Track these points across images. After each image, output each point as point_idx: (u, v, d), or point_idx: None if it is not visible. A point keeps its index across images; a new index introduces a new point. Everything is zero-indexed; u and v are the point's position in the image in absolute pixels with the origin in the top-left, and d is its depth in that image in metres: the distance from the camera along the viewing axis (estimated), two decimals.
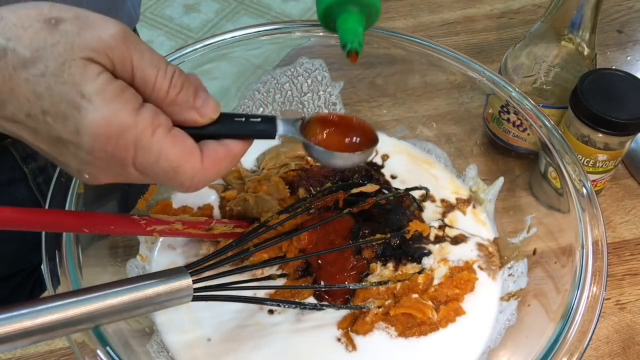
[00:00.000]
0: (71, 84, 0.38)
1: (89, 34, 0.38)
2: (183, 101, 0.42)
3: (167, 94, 0.41)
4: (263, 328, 0.60)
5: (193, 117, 0.43)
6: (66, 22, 0.39)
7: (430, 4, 1.00)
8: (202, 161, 0.43)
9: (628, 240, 0.74)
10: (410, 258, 0.65)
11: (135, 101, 0.40)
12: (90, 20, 0.39)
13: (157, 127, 0.40)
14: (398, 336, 0.60)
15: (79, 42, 0.38)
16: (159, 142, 0.40)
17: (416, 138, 0.78)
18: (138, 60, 0.40)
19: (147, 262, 0.65)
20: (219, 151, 0.44)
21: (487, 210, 0.71)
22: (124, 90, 0.39)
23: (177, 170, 0.42)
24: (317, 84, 0.77)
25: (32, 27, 0.38)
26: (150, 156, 0.40)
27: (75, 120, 0.38)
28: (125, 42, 0.39)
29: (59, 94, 0.38)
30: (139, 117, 0.39)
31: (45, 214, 0.50)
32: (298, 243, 0.63)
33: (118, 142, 0.39)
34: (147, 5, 2.34)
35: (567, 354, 0.50)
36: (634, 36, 0.97)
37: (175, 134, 0.41)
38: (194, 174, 0.42)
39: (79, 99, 0.38)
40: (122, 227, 0.55)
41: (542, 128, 0.64)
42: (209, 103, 0.43)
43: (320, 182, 0.70)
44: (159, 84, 0.41)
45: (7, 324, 0.39)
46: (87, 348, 0.48)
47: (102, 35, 0.39)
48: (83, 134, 0.39)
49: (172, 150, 0.41)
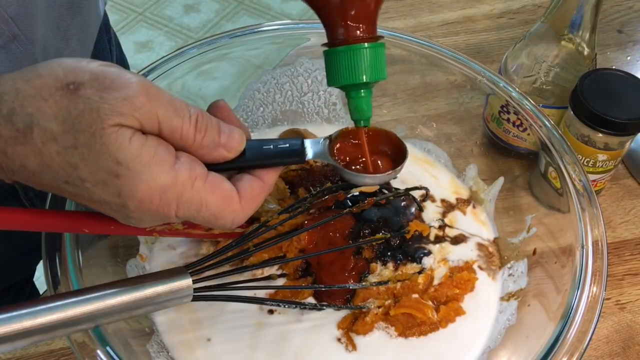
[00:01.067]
0: (105, 153, 0.38)
1: (112, 98, 0.38)
2: (210, 142, 0.43)
3: (195, 139, 0.42)
4: (263, 328, 0.60)
5: (221, 154, 0.44)
6: (85, 86, 0.38)
7: (430, 4, 1.00)
8: (241, 203, 0.44)
9: (628, 240, 0.74)
10: (410, 258, 0.65)
11: (170, 157, 0.40)
12: (109, 79, 0.39)
13: (195, 179, 0.41)
14: (398, 336, 0.60)
15: (105, 109, 0.38)
16: (198, 194, 0.41)
17: (416, 138, 0.78)
18: (163, 114, 0.40)
19: (147, 262, 0.65)
20: (254, 187, 0.45)
21: (487, 210, 0.71)
22: (157, 149, 0.40)
23: (219, 216, 0.43)
24: (317, 84, 0.77)
25: (52, 97, 0.38)
26: (192, 208, 0.42)
27: (116, 187, 0.39)
28: (149, 98, 0.39)
29: (95, 163, 0.38)
30: (178, 175, 0.40)
31: (45, 214, 0.50)
32: (298, 243, 0.63)
33: (161, 201, 0.40)
34: (147, 5, 2.34)
35: (567, 354, 0.50)
36: (634, 36, 0.97)
37: (213, 180, 0.43)
38: (235, 217, 0.44)
39: (115, 167, 0.38)
40: (122, 227, 0.55)
41: (542, 128, 0.64)
42: (234, 137, 0.44)
43: (320, 182, 0.70)
44: (185, 131, 0.41)
45: (7, 324, 0.39)
46: (87, 348, 0.48)
47: (126, 97, 0.38)
48: (126, 198, 0.39)
49: (211, 199, 0.42)
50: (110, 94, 0.38)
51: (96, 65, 0.39)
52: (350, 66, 0.48)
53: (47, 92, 0.38)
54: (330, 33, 0.49)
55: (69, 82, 0.38)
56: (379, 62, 0.48)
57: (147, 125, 0.40)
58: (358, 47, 0.47)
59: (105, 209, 0.41)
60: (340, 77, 0.48)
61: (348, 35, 0.48)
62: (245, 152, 0.45)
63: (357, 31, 0.48)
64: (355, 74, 0.48)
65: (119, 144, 0.38)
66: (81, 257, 0.53)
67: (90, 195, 0.40)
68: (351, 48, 0.47)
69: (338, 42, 0.48)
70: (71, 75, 0.38)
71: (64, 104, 0.38)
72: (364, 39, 0.48)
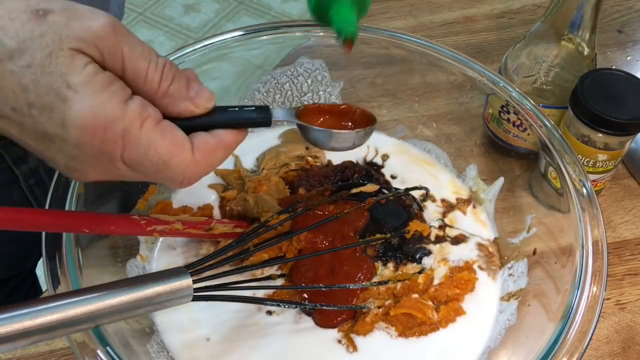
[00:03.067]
0: (57, 75, 0.37)
1: (78, 25, 0.38)
2: (176, 92, 0.41)
3: (159, 85, 0.40)
4: (262, 328, 0.60)
5: (187, 108, 0.42)
6: (54, 13, 0.38)
7: (430, 4, 1.00)
8: (193, 154, 0.42)
9: (628, 240, 0.74)
10: (411, 258, 0.65)
11: (123, 93, 0.39)
12: (80, 11, 0.39)
13: (146, 119, 0.39)
14: (398, 336, 0.60)
15: (67, 33, 0.37)
16: (147, 134, 0.39)
17: (416, 138, 0.78)
18: (128, 52, 0.39)
19: (147, 262, 0.64)
20: (209, 142, 0.43)
21: (487, 210, 0.71)
22: (112, 81, 0.39)
23: (167, 163, 0.41)
24: (317, 84, 0.77)
25: (19, 18, 0.38)
26: (139, 149, 0.39)
27: (61, 113, 0.38)
28: (115, 33, 0.38)
29: (45, 85, 0.37)
30: (127, 109, 0.39)
31: (45, 214, 0.50)
32: (298, 243, 0.63)
33: (105, 135, 0.38)
34: (147, 5, 2.34)
35: (567, 354, 0.50)
36: (634, 36, 0.97)
37: (165, 126, 0.41)
38: (186, 167, 0.42)
39: (65, 89, 0.37)
40: (122, 227, 0.55)
41: (542, 128, 0.64)
42: (204, 93, 0.43)
43: (320, 182, 0.70)
44: (150, 76, 0.40)
45: (7, 324, 0.39)
46: (87, 348, 0.48)
47: (92, 26, 0.38)
48: (69, 126, 0.38)
49: (161, 142, 0.40)
50: (76, 22, 0.38)
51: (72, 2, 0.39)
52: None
53: (15, 14, 0.38)
54: None
55: (39, 9, 0.38)
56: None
57: (109, 60, 0.39)
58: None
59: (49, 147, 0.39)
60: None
61: None
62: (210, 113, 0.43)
63: None
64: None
65: (73, 67, 0.37)
66: (81, 257, 0.53)
67: (35, 125, 0.38)
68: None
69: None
70: (43, 3, 0.38)
71: (28, 26, 0.37)
72: None
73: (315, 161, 0.72)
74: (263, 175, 0.69)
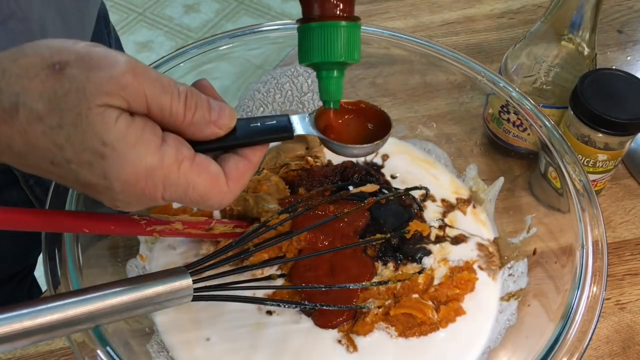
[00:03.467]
0: (91, 133, 0.38)
1: (98, 77, 0.38)
2: (200, 119, 0.42)
3: (185, 116, 0.41)
4: (262, 328, 0.60)
5: (213, 131, 0.43)
6: (71, 65, 0.38)
7: (430, 4, 1.00)
8: (228, 184, 0.44)
9: (628, 240, 0.74)
10: (411, 258, 0.65)
11: (156, 138, 0.40)
12: (95, 59, 0.38)
13: (182, 162, 0.41)
14: (398, 336, 0.60)
15: (91, 89, 0.37)
16: (185, 175, 0.41)
17: (416, 138, 0.78)
18: (151, 92, 0.39)
19: (147, 262, 0.64)
20: (240, 167, 0.44)
21: (487, 210, 0.71)
22: (144, 129, 0.39)
23: (206, 197, 0.43)
24: (317, 84, 0.76)
25: (37, 76, 0.37)
26: (179, 190, 0.41)
27: (101, 167, 0.39)
28: (136, 76, 0.39)
29: (81, 143, 0.38)
30: (164, 157, 0.40)
31: (45, 215, 0.50)
32: (298, 243, 0.63)
33: (147, 183, 0.40)
34: (147, 5, 2.34)
35: (567, 354, 0.50)
36: (634, 36, 0.97)
37: (200, 162, 0.42)
38: (222, 198, 0.44)
39: (101, 147, 0.38)
40: (122, 227, 0.55)
41: (542, 128, 0.64)
42: (225, 113, 0.44)
43: (320, 182, 0.70)
44: (175, 109, 0.41)
45: (7, 324, 0.39)
46: (87, 348, 0.48)
47: (112, 75, 0.38)
48: (111, 179, 0.39)
49: (199, 180, 0.42)
50: (96, 73, 0.38)
51: (83, 46, 0.39)
52: (323, 44, 0.47)
53: (33, 72, 0.37)
54: (305, 9, 0.48)
55: (54, 62, 0.38)
56: (354, 42, 0.48)
57: (135, 104, 0.39)
58: (333, 25, 0.47)
59: (92, 191, 0.41)
60: (312, 55, 0.47)
61: (324, 12, 0.47)
62: (234, 130, 0.44)
63: (335, 9, 0.47)
64: (329, 52, 0.47)
65: (105, 124, 0.38)
66: (81, 257, 0.53)
67: (76, 176, 0.39)
68: (326, 25, 0.47)
69: (313, 18, 0.47)
70: (57, 55, 0.38)
71: (49, 84, 0.37)
72: (340, 17, 0.47)
73: (315, 161, 0.72)
74: (263, 175, 0.69)
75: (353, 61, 0.48)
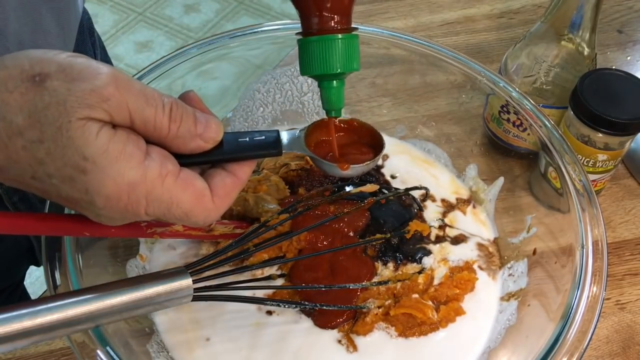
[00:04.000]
0: (72, 148, 0.37)
1: (79, 89, 0.36)
2: (185, 132, 0.41)
3: (169, 129, 0.40)
4: (262, 328, 0.60)
5: (198, 145, 0.42)
6: (52, 77, 0.37)
7: (430, 4, 1.00)
8: (213, 200, 0.43)
9: (628, 240, 0.74)
10: (411, 258, 0.65)
11: (139, 152, 0.39)
12: (76, 69, 0.37)
13: (166, 177, 0.40)
14: (398, 336, 0.60)
15: (72, 102, 0.36)
16: (169, 191, 0.40)
17: (416, 138, 0.78)
18: (134, 105, 0.38)
19: (147, 262, 0.65)
20: (227, 184, 0.44)
21: (487, 210, 0.71)
22: (126, 142, 0.38)
23: (190, 214, 0.42)
24: (317, 84, 0.76)
25: (17, 89, 0.36)
26: (162, 205, 0.40)
27: (83, 183, 0.38)
28: (118, 88, 0.37)
29: (61, 158, 0.37)
30: (147, 171, 0.39)
31: (46, 219, 0.50)
32: (298, 243, 0.63)
33: (129, 198, 0.39)
34: (147, 5, 2.34)
35: (567, 354, 0.50)
36: (634, 36, 0.97)
37: (185, 178, 0.41)
38: (207, 215, 0.43)
39: (82, 162, 0.37)
40: (123, 230, 0.55)
41: (542, 128, 0.64)
42: (211, 127, 0.43)
43: (320, 182, 0.70)
44: (159, 122, 0.40)
45: (7, 324, 0.39)
46: (87, 348, 0.48)
47: (94, 88, 0.37)
48: (93, 194, 0.38)
49: (183, 197, 0.41)
50: (77, 86, 0.37)
51: (64, 57, 0.38)
52: (322, 56, 0.48)
53: (12, 84, 0.36)
54: (304, 23, 0.48)
55: (35, 74, 0.37)
56: (352, 53, 0.48)
57: (118, 117, 0.38)
58: (331, 38, 0.47)
59: (75, 206, 0.40)
60: (312, 67, 0.48)
61: (322, 26, 0.47)
62: (221, 144, 0.44)
63: (331, 22, 0.47)
64: (328, 64, 0.48)
65: (86, 138, 0.37)
66: (81, 258, 0.53)
67: (58, 191, 0.39)
68: (324, 38, 0.47)
69: (312, 32, 0.48)
70: (37, 67, 0.37)
71: (29, 97, 0.36)
72: (338, 30, 0.48)
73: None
74: (263, 175, 0.69)
75: (352, 71, 0.49)
